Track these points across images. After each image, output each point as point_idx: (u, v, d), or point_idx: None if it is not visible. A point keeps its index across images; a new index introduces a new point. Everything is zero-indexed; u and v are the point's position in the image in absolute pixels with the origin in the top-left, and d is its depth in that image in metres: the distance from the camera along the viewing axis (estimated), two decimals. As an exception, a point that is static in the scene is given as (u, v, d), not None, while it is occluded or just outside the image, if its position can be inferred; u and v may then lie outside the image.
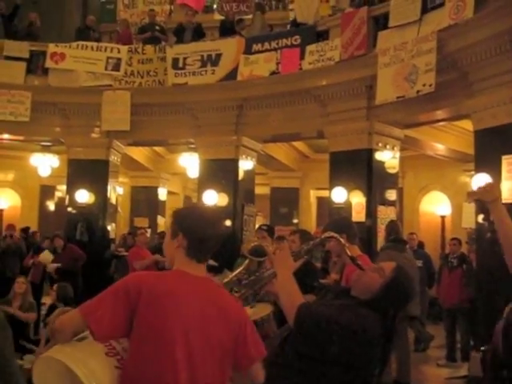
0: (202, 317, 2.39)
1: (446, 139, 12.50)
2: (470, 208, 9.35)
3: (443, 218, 14.84)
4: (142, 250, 9.28)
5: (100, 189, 12.94)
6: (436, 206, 15.12)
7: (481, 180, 7.92)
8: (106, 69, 12.76)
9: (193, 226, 2.49)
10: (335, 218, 8.94)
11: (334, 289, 3.70)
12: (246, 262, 3.13)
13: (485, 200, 3.21)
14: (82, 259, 10.83)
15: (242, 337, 2.47)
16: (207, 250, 2.51)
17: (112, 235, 13.46)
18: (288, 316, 2.83)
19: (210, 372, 2.38)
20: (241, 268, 3.11)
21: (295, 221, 16.02)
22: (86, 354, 2.30)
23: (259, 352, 2.55)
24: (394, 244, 7.43)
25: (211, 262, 10.20)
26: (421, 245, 11.58)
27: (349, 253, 3.07)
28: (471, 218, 9.04)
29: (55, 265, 10.46)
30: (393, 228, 7.82)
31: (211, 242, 2.50)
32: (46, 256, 10.83)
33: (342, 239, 3.16)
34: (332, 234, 3.17)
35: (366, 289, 2.91)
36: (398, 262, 3.08)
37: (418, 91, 8.94)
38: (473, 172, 8.94)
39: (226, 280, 3.06)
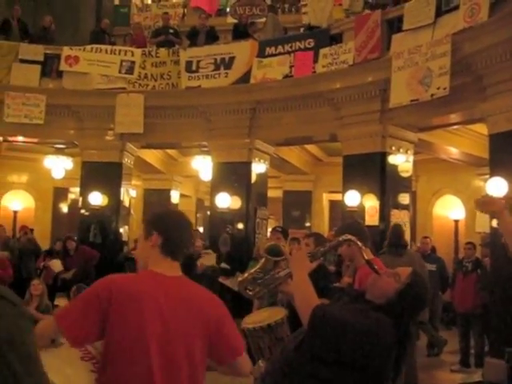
0: (175, 316, 2.39)
1: (459, 143, 12.44)
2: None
3: (456, 222, 14.75)
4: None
5: (113, 191, 13.00)
6: (449, 210, 15.03)
7: (496, 184, 7.87)
8: (119, 72, 12.82)
9: (167, 223, 2.55)
10: (347, 221, 8.89)
11: (348, 292, 3.67)
12: (262, 260, 3.13)
13: (486, 213, 3.19)
14: (95, 259, 10.85)
15: (220, 332, 2.49)
16: (181, 247, 2.54)
17: (125, 238, 13.50)
18: (302, 317, 2.81)
19: (184, 371, 2.40)
20: (257, 267, 3.11)
21: (307, 224, 15.99)
22: (61, 360, 2.33)
23: (240, 345, 2.59)
24: (390, 249, 7.31)
25: (224, 265, 10.28)
26: (433, 249, 11.49)
27: (366, 256, 3.05)
28: (485, 222, 8.98)
29: (70, 272, 10.48)
30: (393, 232, 7.75)
31: (184, 238, 2.55)
32: (55, 264, 10.82)
33: (358, 242, 3.15)
34: (350, 236, 3.15)
35: (381, 293, 2.89)
36: (395, 268, 3.05)
37: (432, 95, 8.90)
38: (487, 176, 8.88)
39: (240, 278, 3.06)
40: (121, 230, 13.21)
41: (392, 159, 10.67)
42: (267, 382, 2.89)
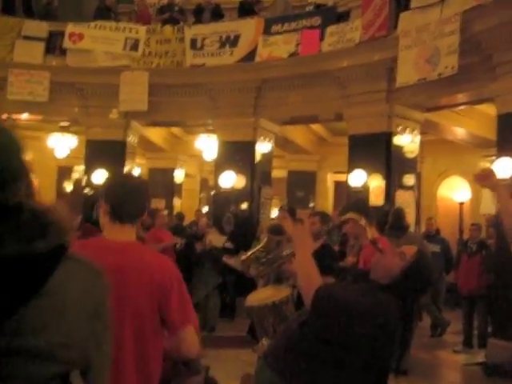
0: (121, 280, 2.31)
1: (466, 124, 12.31)
2: (489, 194, 9.20)
3: (461, 204, 14.66)
4: (161, 232, 9.18)
5: (117, 170, 12.94)
6: (454, 191, 14.95)
7: (503, 165, 7.79)
8: (124, 49, 12.71)
9: (112, 190, 2.61)
10: (353, 200, 8.84)
11: (352, 272, 3.63)
12: (265, 239, 3.09)
13: (485, 187, 3.15)
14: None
15: (167, 300, 2.39)
16: (127, 210, 2.53)
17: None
18: (305, 296, 2.77)
19: (133, 338, 2.33)
20: (259, 245, 3.07)
21: (311, 205, 15.92)
22: None
23: (185, 318, 2.42)
24: (390, 231, 7.28)
25: (227, 245, 10.26)
26: (437, 231, 11.45)
27: (369, 235, 3.01)
28: (490, 204, 8.91)
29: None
30: (395, 214, 7.73)
31: (129, 201, 2.53)
32: None
33: (363, 221, 3.10)
34: (353, 215, 3.10)
35: (385, 273, 2.84)
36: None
37: (439, 74, 8.78)
38: (493, 157, 8.79)
39: (243, 257, 3.02)
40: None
41: (398, 139, 10.58)
42: (269, 360, 2.86)
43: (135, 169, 14.30)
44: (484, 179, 3.15)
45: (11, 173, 1.19)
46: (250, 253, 3.17)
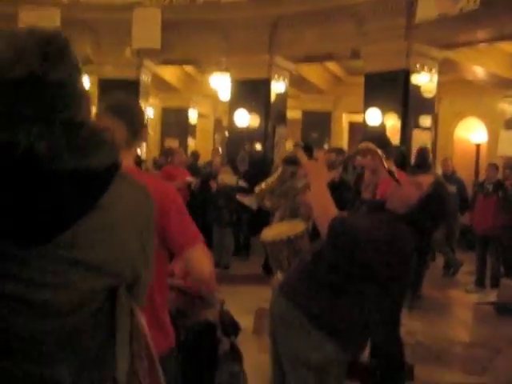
0: None
1: (486, 63, 12.02)
2: (507, 136, 9.07)
3: (478, 145, 14.48)
4: (177, 170, 9.00)
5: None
6: (471, 133, 14.74)
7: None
8: (136, -16, 12.43)
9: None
10: (373, 133, 8.73)
11: (368, 203, 3.58)
12: (280, 170, 3.04)
13: None
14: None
15: (165, 224, 2.26)
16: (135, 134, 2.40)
17: (143, 156, 13.46)
18: (321, 227, 2.74)
19: None
20: (274, 176, 3.02)
21: (326, 146, 15.80)
22: None
23: (189, 239, 2.34)
24: (413, 169, 7.24)
25: (241, 183, 10.22)
26: (453, 172, 11.32)
27: (386, 166, 2.95)
28: (508, 146, 8.78)
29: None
30: (419, 154, 7.67)
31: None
32: None
33: (380, 152, 3.03)
34: (371, 145, 3.03)
35: (402, 202, 2.80)
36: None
37: (461, 8, 8.52)
38: (512, 98, 8.61)
39: (257, 189, 2.97)
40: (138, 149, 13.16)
41: (415, 78, 10.37)
42: (284, 290, 2.86)
43: (148, 108, 14.19)
44: None
45: (77, 91, 1.21)
46: (263, 185, 3.11)
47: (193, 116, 16.82)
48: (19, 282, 1.11)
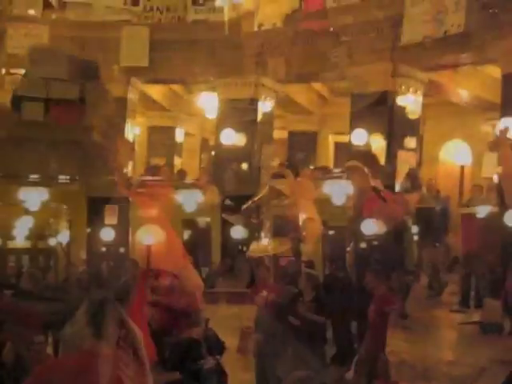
0: None
1: (469, 85, 12.17)
2: (491, 157, 9.16)
3: (462, 167, 14.58)
4: (161, 187, 9.03)
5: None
6: (456, 154, 14.84)
7: (508, 125, 7.73)
8: (124, 3, 12.50)
9: None
10: (361, 150, 8.82)
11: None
12: (267, 188, 3.07)
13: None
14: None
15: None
16: None
17: (129, 174, 13.41)
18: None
19: None
20: (261, 194, 3.05)
21: (312, 167, 15.83)
22: None
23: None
24: (407, 191, 7.33)
25: (228, 202, 10.24)
26: (437, 192, 11.42)
27: (372, 183, 2.98)
28: (492, 167, 8.88)
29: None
30: (411, 175, 7.75)
31: None
32: None
33: (365, 170, 3.07)
34: (356, 163, 3.07)
35: (388, 219, 2.83)
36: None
37: (445, 31, 8.65)
38: (495, 121, 8.72)
39: (245, 206, 2.99)
40: (124, 166, 13.11)
41: (401, 100, 10.48)
42: (269, 307, 2.87)
43: (135, 127, 14.19)
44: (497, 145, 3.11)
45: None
46: (250, 201, 3.14)
47: (179, 135, 16.80)
48: None
